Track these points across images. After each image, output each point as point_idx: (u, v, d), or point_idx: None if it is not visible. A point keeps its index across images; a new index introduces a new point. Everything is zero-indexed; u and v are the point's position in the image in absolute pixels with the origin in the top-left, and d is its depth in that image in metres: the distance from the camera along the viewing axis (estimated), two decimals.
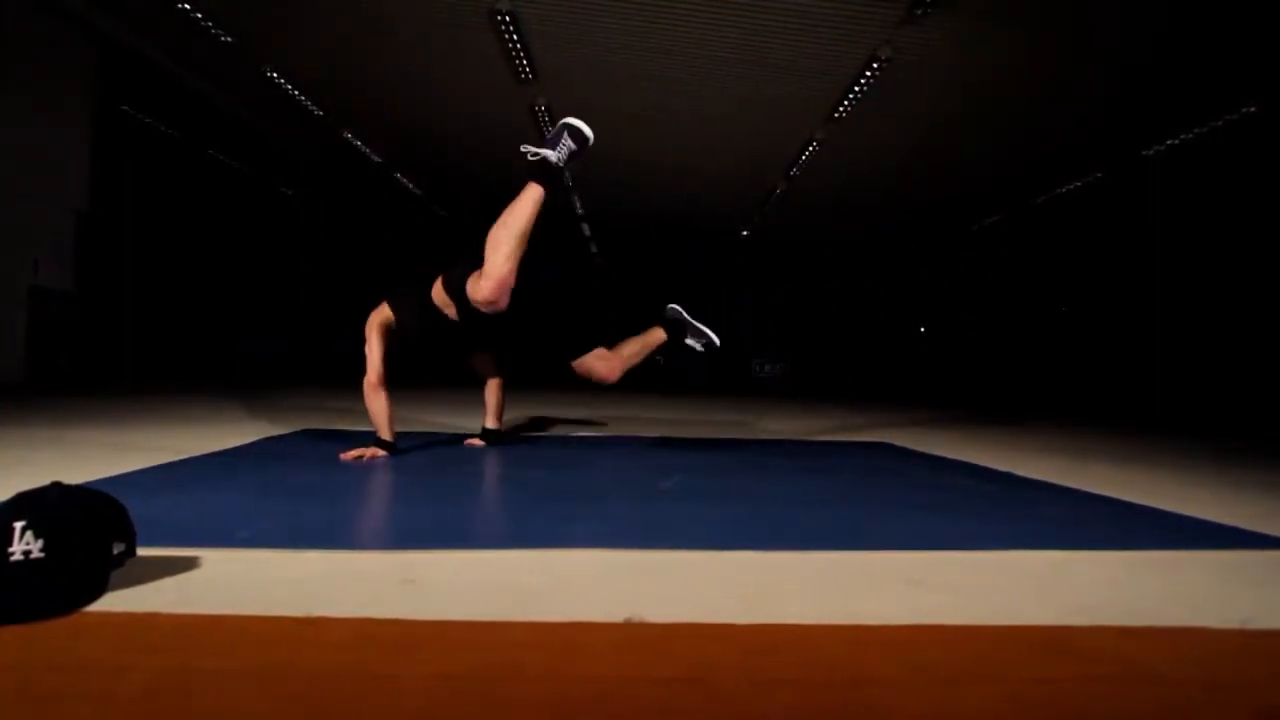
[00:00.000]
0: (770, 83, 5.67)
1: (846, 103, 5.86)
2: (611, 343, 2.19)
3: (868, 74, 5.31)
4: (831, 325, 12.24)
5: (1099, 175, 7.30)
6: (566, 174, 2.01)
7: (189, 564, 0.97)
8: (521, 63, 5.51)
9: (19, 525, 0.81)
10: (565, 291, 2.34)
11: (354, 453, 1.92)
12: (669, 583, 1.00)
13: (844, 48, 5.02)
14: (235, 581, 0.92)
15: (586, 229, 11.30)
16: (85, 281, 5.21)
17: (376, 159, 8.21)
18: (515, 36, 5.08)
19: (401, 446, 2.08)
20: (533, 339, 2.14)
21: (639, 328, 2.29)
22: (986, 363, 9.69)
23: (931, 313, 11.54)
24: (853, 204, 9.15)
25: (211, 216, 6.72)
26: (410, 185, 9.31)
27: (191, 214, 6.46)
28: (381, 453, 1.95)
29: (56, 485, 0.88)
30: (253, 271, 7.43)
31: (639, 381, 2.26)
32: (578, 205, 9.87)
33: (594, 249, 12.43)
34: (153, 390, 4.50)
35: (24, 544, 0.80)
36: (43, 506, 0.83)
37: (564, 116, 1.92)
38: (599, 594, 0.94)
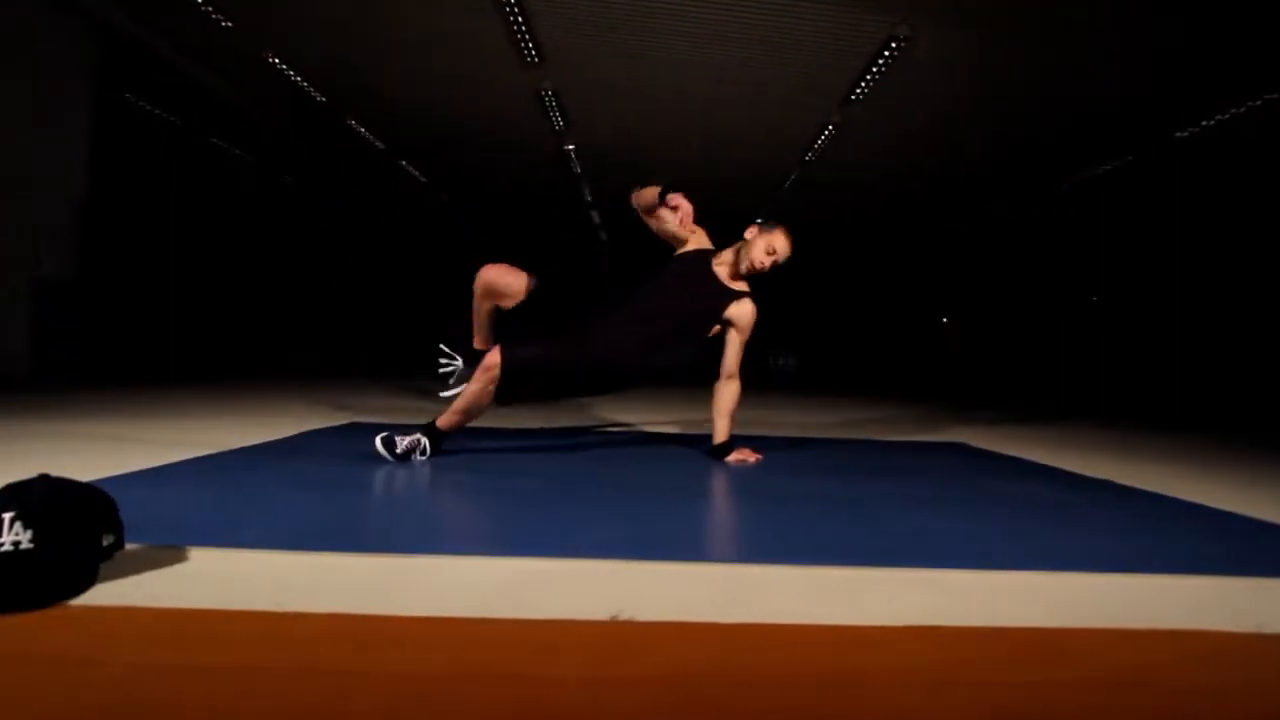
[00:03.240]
0: (784, 65, 5.53)
1: (864, 84, 5.70)
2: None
3: (885, 54, 5.16)
4: (849, 315, 12.07)
5: (1129, 158, 7.02)
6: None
7: (176, 558, 0.98)
8: (527, 46, 5.43)
9: (8, 516, 0.81)
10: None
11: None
12: (652, 587, 0.99)
13: (860, 27, 4.88)
14: (219, 577, 0.93)
15: (596, 216, 11.22)
16: (88, 272, 5.24)
17: (380, 146, 8.19)
18: (520, 19, 5.01)
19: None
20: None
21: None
22: (1009, 354, 9.50)
23: (954, 302, 11.28)
24: (869, 190, 8.96)
25: (215, 205, 6.75)
26: (416, 173, 9.28)
27: (194, 202, 6.48)
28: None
29: (44, 477, 0.89)
30: (258, 261, 7.47)
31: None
32: (586, 193, 9.79)
33: (603, 236, 12.36)
34: (158, 383, 4.57)
35: (13, 534, 0.81)
36: (31, 498, 0.84)
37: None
38: (582, 596, 0.93)
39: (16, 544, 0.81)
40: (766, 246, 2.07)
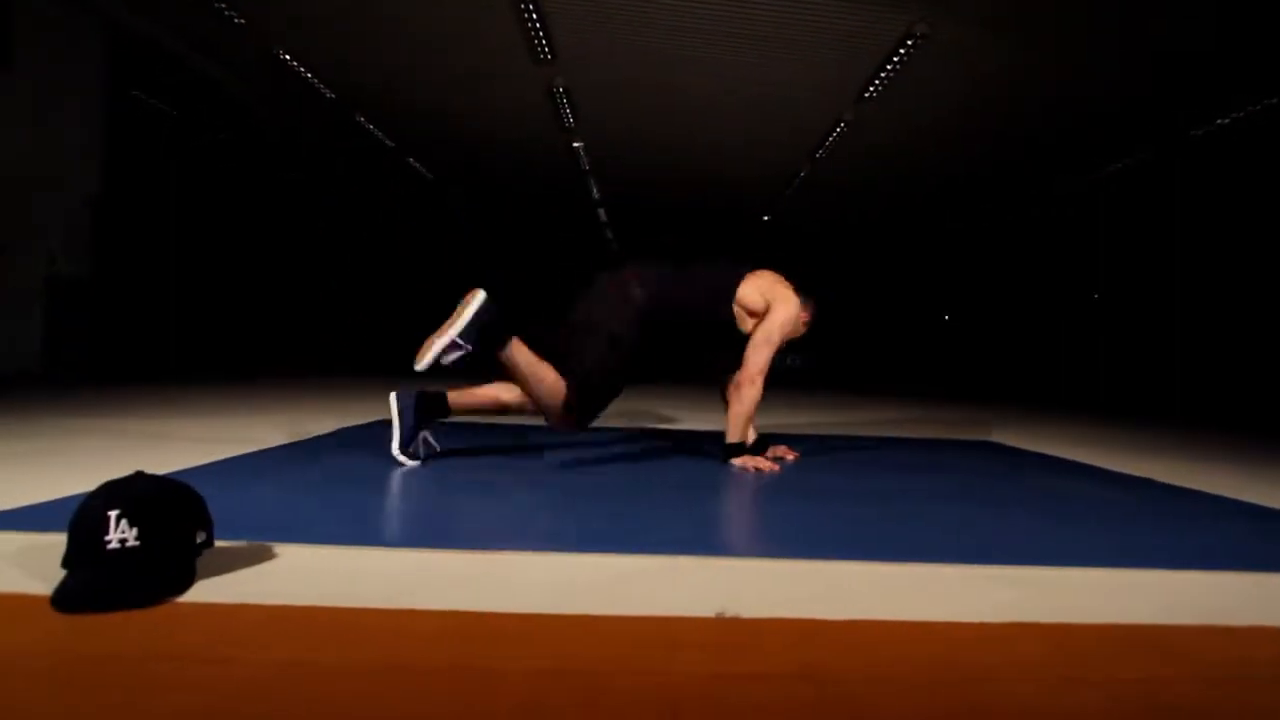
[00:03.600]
0: (799, 62, 5.52)
1: (878, 82, 5.69)
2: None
3: (902, 51, 5.15)
4: (855, 314, 12.06)
5: (1145, 156, 7.01)
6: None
7: (264, 554, 0.98)
8: (540, 42, 5.41)
9: (114, 514, 0.81)
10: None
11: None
12: (752, 585, 0.99)
13: (877, 24, 4.87)
14: (311, 572, 0.93)
15: (603, 214, 11.20)
16: (101, 270, 5.21)
17: (390, 144, 8.15)
18: (534, 15, 4.99)
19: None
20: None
21: None
22: (1014, 351, 9.51)
23: (960, 301, 11.27)
24: (879, 189, 8.96)
25: (225, 203, 6.73)
26: (423, 170, 9.25)
27: (206, 201, 6.46)
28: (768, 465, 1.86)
29: (142, 474, 0.88)
30: (267, 260, 7.46)
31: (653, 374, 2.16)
32: (594, 190, 9.76)
33: (610, 235, 12.32)
34: (172, 381, 4.55)
35: (120, 532, 0.81)
36: (133, 495, 0.84)
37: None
38: (681, 593, 0.93)
39: (124, 541, 0.81)
40: (803, 321, 2.07)
